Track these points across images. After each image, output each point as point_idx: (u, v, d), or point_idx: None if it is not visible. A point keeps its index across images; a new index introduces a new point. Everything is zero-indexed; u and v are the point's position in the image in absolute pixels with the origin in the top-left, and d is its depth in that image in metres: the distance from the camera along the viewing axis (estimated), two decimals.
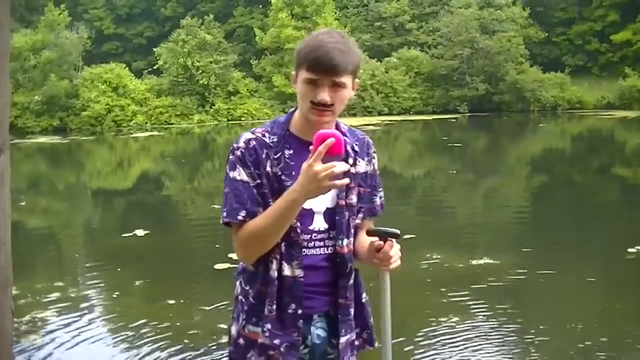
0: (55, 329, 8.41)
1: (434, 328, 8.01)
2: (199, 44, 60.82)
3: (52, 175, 30.28)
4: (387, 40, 69.54)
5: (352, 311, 3.19)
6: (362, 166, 3.22)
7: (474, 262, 10.81)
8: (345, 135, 3.15)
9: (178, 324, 8.48)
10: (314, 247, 3.08)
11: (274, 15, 64.75)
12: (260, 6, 73.21)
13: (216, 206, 18.35)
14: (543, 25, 68.53)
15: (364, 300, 3.30)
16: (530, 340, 7.59)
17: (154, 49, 64.89)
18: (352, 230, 3.18)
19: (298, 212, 2.92)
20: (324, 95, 2.92)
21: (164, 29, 75.71)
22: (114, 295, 10.12)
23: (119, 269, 11.77)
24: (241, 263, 3.21)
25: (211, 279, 10.59)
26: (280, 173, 2.99)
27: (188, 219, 17.59)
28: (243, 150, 3.03)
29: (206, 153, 38.24)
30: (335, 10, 67.40)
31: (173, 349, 7.63)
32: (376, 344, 3.36)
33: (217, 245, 13.03)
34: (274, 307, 3.05)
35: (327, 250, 3.10)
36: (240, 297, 3.21)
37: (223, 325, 8.19)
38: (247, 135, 3.08)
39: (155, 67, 63.58)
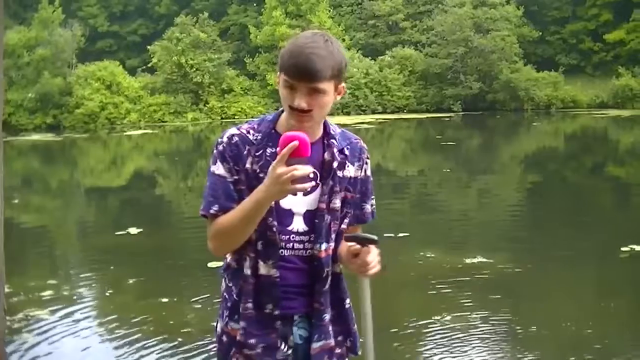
0: (48, 326, 8.39)
1: (427, 326, 8.01)
2: (193, 42, 60.76)
3: (45, 172, 30.24)
4: (381, 39, 69.48)
5: (327, 317, 3.13)
6: (350, 171, 3.15)
7: (467, 260, 10.82)
8: (334, 138, 3.10)
9: (171, 321, 8.47)
10: (293, 248, 3.05)
11: (268, 13, 64.71)
12: (255, 4, 73.16)
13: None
14: (537, 24, 68.52)
15: (347, 306, 3.25)
16: (523, 338, 7.60)
17: (148, 47, 64.74)
18: (334, 235, 3.12)
19: (270, 212, 2.92)
20: (301, 102, 2.87)
21: (158, 27, 75.54)
22: (107, 293, 10.11)
23: (112, 267, 11.76)
24: (226, 259, 3.18)
25: (204, 276, 10.57)
26: (259, 171, 2.96)
27: (181, 216, 17.59)
28: (225, 145, 3.03)
29: (200, 151, 38.18)
30: (329, 9, 67.34)
31: (166, 346, 7.63)
32: (359, 352, 3.29)
33: None
34: (249, 305, 3.04)
35: (306, 252, 3.07)
36: (224, 294, 3.18)
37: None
38: (232, 130, 3.08)
39: (149, 65, 63.50)
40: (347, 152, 3.14)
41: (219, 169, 3.03)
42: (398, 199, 18.67)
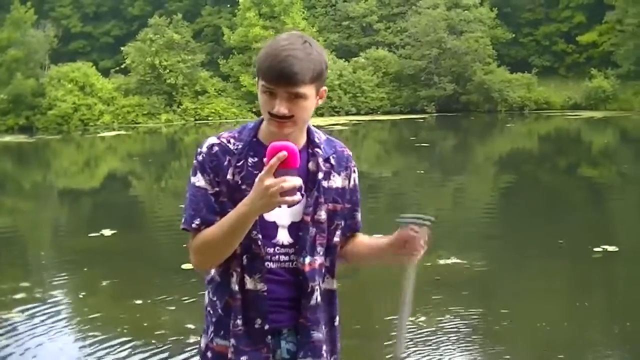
0: (20, 328, 8.35)
1: None
2: (167, 43, 60.56)
3: (18, 174, 30.07)
4: (355, 40, 69.55)
5: (314, 334, 3.00)
6: (337, 181, 3.06)
7: (441, 261, 10.83)
8: (319, 147, 3.00)
9: (145, 323, 8.44)
10: (278, 260, 2.94)
11: (242, 15, 64.59)
12: (229, 5, 72.96)
13: (183, 206, 18.29)
14: (510, 26, 68.83)
15: (336, 324, 3.15)
16: (497, 337, 7.63)
17: (122, 48, 64.42)
18: (320, 248, 3.01)
19: (254, 225, 2.80)
20: (280, 107, 2.75)
21: (131, 28, 75.18)
22: (80, 296, 10.06)
23: (85, 269, 11.71)
24: (210, 272, 3.06)
25: (178, 278, 10.54)
26: (241, 182, 2.86)
27: (155, 218, 17.52)
28: (205, 156, 2.92)
29: (173, 153, 38.12)
30: (303, 10, 67.32)
31: (140, 349, 7.60)
32: None
33: (184, 245, 12.93)
34: (239, 321, 2.92)
35: (292, 264, 2.95)
36: (208, 308, 3.08)
37: (190, 325, 8.17)
38: (212, 140, 2.96)
39: (122, 66, 63.19)
40: (332, 161, 3.06)
41: (199, 180, 2.92)
42: (372, 200, 18.66)
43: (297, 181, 2.62)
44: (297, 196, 2.66)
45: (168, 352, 7.46)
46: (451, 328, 8.00)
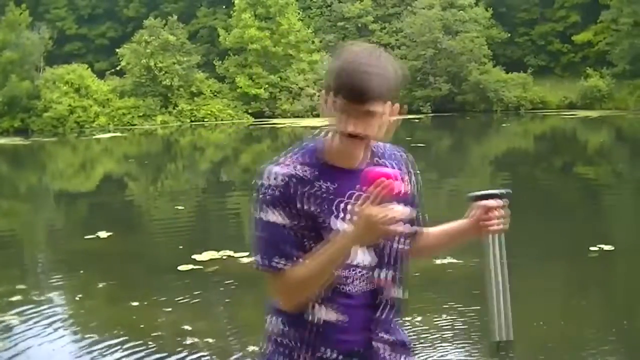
0: (17, 332, 8.33)
1: None
2: (162, 45, 60.49)
3: (13, 177, 30.04)
4: (351, 41, 68.27)
5: (382, 352, 2.85)
6: (407, 188, 2.84)
7: (437, 261, 10.82)
8: (384, 158, 2.86)
9: (141, 325, 8.43)
10: (356, 284, 2.76)
11: (237, 16, 64.53)
12: (224, 7, 72.90)
13: (179, 207, 18.29)
14: (506, 25, 68.82)
15: (401, 329, 2.99)
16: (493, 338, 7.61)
17: (117, 50, 64.32)
18: (398, 260, 2.87)
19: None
20: (357, 127, 2.59)
21: (126, 30, 75.04)
22: (77, 298, 10.05)
23: (81, 271, 11.69)
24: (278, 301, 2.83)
25: (174, 280, 10.54)
26: (317, 210, 2.67)
27: (151, 220, 17.51)
28: (274, 188, 2.68)
29: (169, 154, 38.12)
30: (298, 11, 67.28)
31: (136, 350, 7.59)
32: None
33: (180, 247, 12.99)
34: (313, 352, 2.76)
35: (370, 286, 2.78)
36: (279, 339, 2.84)
37: (187, 327, 8.16)
38: (277, 169, 2.71)
39: (118, 68, 63.07)
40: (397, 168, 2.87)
41: (271, 216, 2.68)
42: None
43: (404, 211, 2.55)
44: (403, 226, 2.57)
45: (165, 353, 7.44)
46: (447, 327, 8.00)
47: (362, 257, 2.73)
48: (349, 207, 2.66)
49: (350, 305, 2.75)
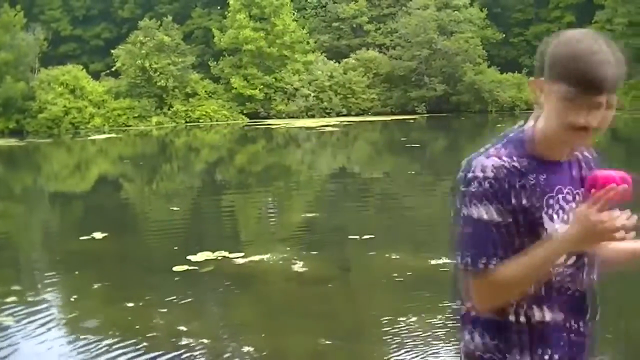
0: (12, 333, 8.33)
1: (392, 328, 8.02)
2: (157, 46, 60.50)
3: (8, 178, 29.99)
4: (346, 42, 69.62)
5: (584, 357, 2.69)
6: None
7: (432, 261, 10.82)
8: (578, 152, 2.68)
9: (137, 326, 8.43)
10: (563, 282, 2.58)
11: (232, 17, 64.59)
12: (219, 7, 72.93)
13: (174, 208, 18.30)
14: (500, 26, 69.01)
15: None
16: None
17: (112, 51, 64.39)
18: (596, 257, 2.69)
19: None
20: (591, 118, 2.39)
21: (121, 31, 75.07)
22: (72, 299, 10.04)
23: (76, 272, 11.69)
24: (470, 312, 2.66)
25: (170, 281, 10.54)
26: (531, 205, 2.49)
27: (146, 221, 17.50)
28: (491, 181, 2.49)
29: (164, 155, 38.09)
30: (293, 11, 67.36)
31: (131, 351, 7.59)
32: None
33: (175, 247, 12.99)
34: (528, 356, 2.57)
35: (575, 285, 2.61)
36: (481, 354, 2.63)
37: (182, 327, 8.16)
38: (490, 161, 2.54)
39: (113, 69, 63.11)
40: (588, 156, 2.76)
41: (480, 211, 2.50)
42: (363, 201, 18.68)
43: (633, 219, 2.38)
44: (630, 233, 2.39)
45: (160, 353, 7.45)
46: (442, 327, 8.00)
47: (570, 257, 2.57)
48: (561, 204, 2.55)
49: (559, 303, 2.59)
